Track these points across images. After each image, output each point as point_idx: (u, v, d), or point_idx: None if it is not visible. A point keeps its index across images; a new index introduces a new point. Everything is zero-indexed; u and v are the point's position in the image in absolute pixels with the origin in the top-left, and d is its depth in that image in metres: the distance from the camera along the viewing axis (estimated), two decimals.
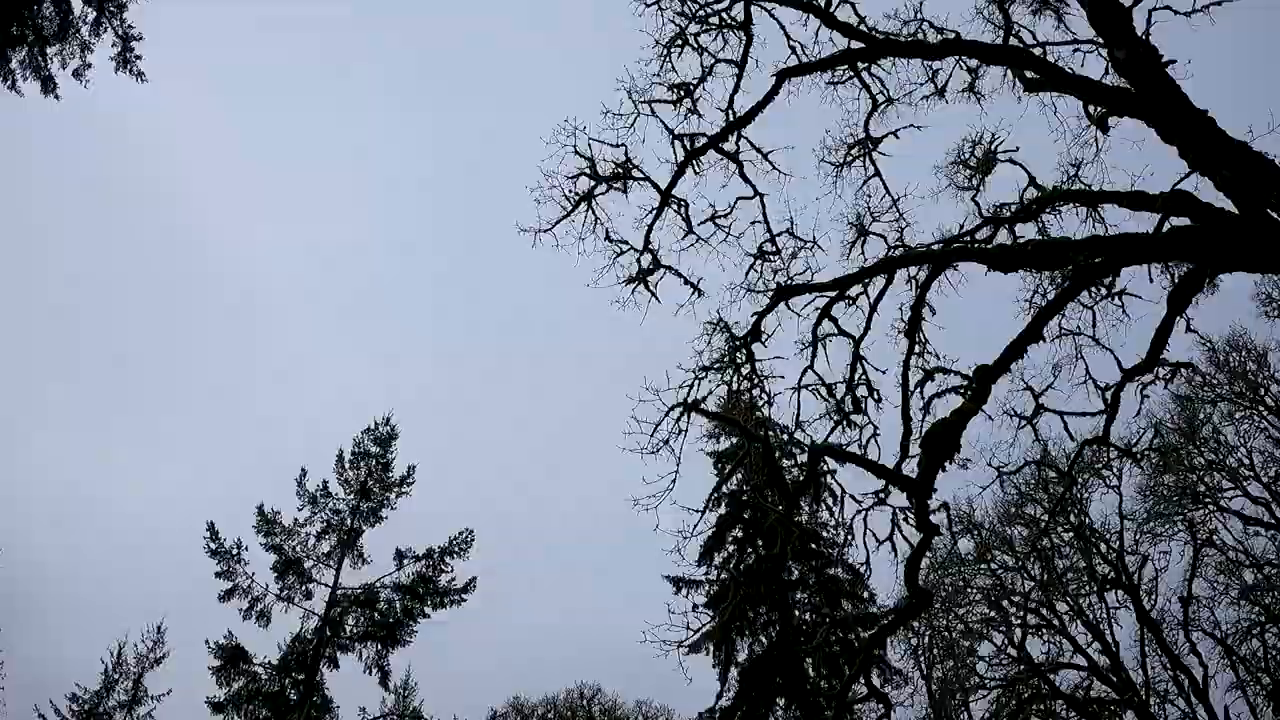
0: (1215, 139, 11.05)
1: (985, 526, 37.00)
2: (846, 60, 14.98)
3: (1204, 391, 37.36)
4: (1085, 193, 13.98)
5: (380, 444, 34.28)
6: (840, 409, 15.15)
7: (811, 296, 14.68)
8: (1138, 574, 35.59)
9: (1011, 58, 14.06)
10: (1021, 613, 35.81)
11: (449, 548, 32.38)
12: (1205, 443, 37.98)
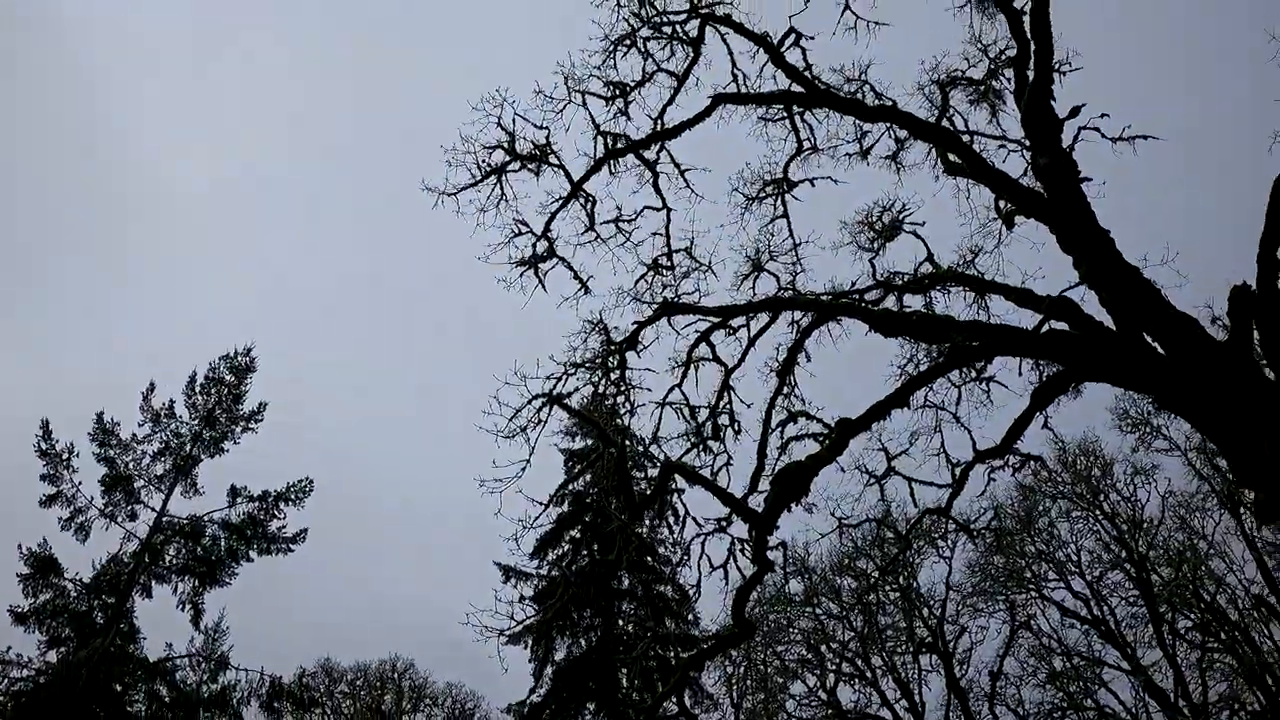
0: (1110, 258, 11.53)
1: (817, 572, 38.00)
2: (784, 101, 15.12)
3: (1047, 486, 39.41)
4: (977, 279, 14.44)
5: (236, 373, 32.64)
6: (699, 432, 15.25)
7: (695, 318, 14.71)
8: (954, 643, 37.22)
9: (940, 138, 14.41)
10: (838, 660, 36.92)
11: (285, 493, 31.06)
12: (1039, 533, 40.13)
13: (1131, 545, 38.76)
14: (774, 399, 14.48)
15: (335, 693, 48.51)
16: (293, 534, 31.17)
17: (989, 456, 14.05)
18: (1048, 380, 13.02)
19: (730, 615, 13.17)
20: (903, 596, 37.09)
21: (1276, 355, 10.70)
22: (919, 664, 37.03)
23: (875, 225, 15.89)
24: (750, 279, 16.03)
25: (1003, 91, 15.38)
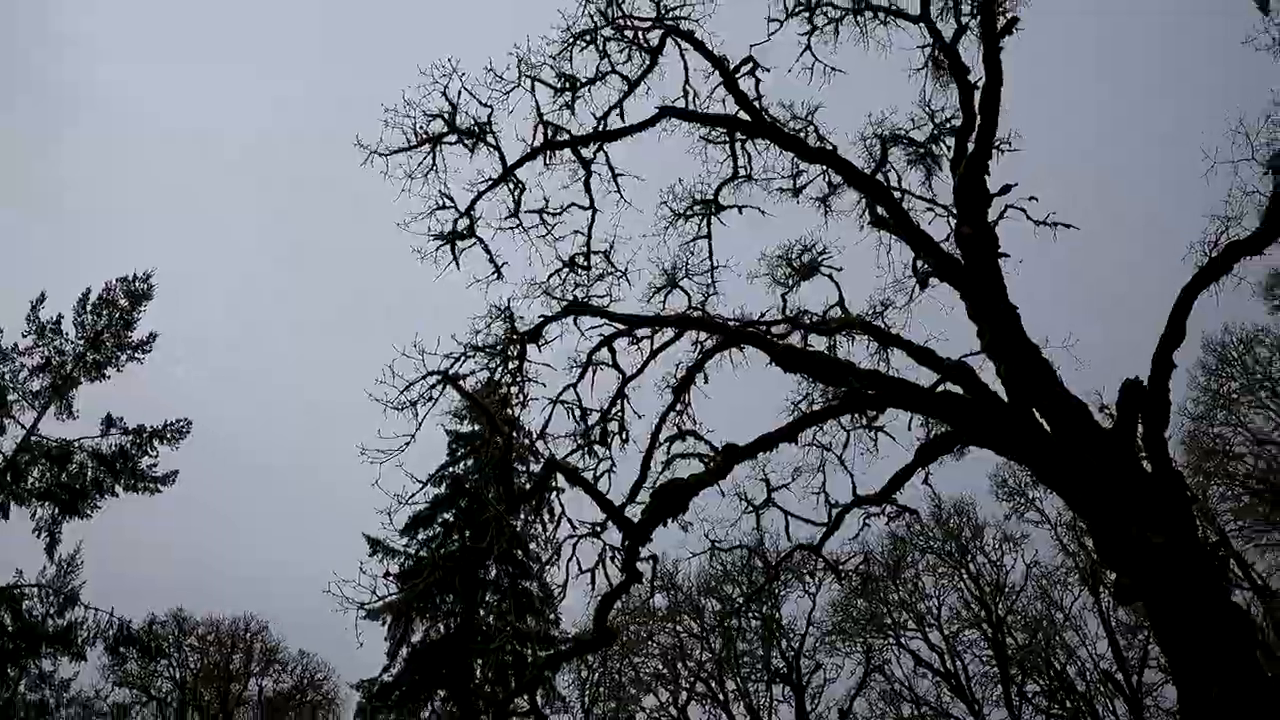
0: (1013, 333, 11.99)
1: (683, 590, 38.37)
2: (729, 125, 15.24)
3: (919, 539, 40.68)
4: (883, 331, 14.75)
5: (131, 298, 31.00)
6: (588, 435, 15.20)
7: (601, 322, 14.72)
8: (809, 677, 38.04)
9: (873, 190, 14.72)
10: (692, 679, 37.35)
11: (162, 431, 29.67)
12: (905, 583, 41.41)
13: (991, 607, 40.38)
14: (666, 414, 14.55)
15: (184, 645, 46.71)
16: (163, 474, 29.80)
17: (867, 502, 14.34)
18: (935, 438, 13.42)
19: (592, 620, 13.16)
20: (764, 625, 37.72)
21: (1156, 449, 11.27)
22: (771, 693, 37.78)
23: (794, 262, 16.13)
24: (663, 293, 16.10)
25: (941, 157, 15.82)
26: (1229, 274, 11.91)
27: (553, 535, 19.49)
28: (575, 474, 13.74)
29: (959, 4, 15.16)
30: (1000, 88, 13.42)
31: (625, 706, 37.32)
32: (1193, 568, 9.87)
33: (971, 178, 12.54)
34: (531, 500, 17.18)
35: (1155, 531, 10.06)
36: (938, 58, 15.40)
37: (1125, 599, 11.05)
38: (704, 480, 12.73)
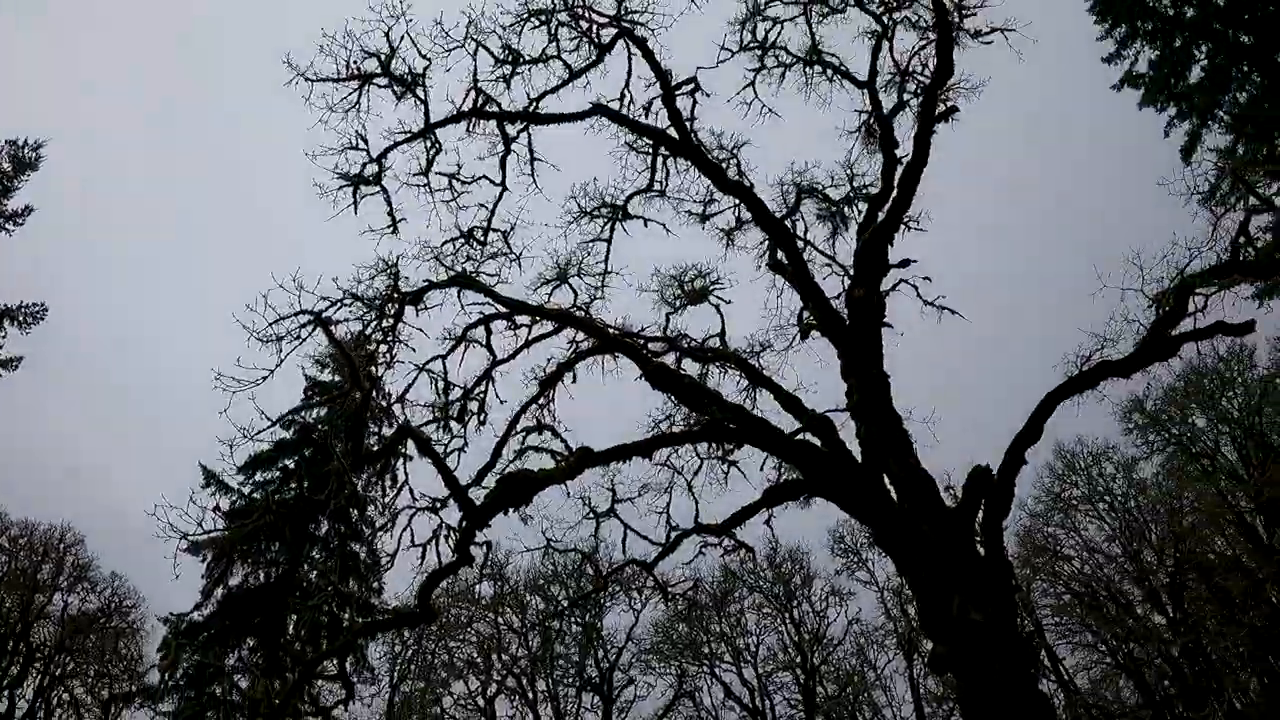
0: (880, 400, 12.40)
1: (511, 583, 38.08)
2: (656, 138, 15.35)
3: (750, 577, 41.62)
4: (756, 371, 15.07)
5: (16, 164, 29.11)
6: (446, 409, 15.00)
7: (485, 300, 14.57)
8: (620, 691, 38.23)
9: (779, 233, 14.99)
10: (505, 673, 37.03)
11: (13, 311, 28.07)
12: (729, 616, 42.27)
13: (808, 654, 41.65)
14: (529, 405, 14.51)
15: None
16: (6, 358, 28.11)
17: (707, 531, 14.51)
18: (785, 484, 13.70)
19: (416, 596, 12.93)
20: (584, 632, 37.77)
21: (992, 535, 11.81)
22: (580, 700, 37.82)
23: (685, 285, 16.30)
24: (551, 285, 16.07)
25: (850, 219, 16.27)
26: (1094, 389, 12.63)
27: (391, 502, 19.10)
28: (427, 445, 13.50)
29: (905, 81, 15.71)
30: (923, 168, 13.90)
31: (433, 689, 36.69)
32: (1006, 650, 10.36)
33: (875, 245, 12.94)
34: (378, 462, 16.89)
35: (977, 610, 10.51)
36: (872, 126, 15.88)
37: (937, 668, 11.46)
38: (553, 477, 12.65)
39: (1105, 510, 45.88)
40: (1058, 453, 47.03)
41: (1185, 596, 42.56)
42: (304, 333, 13.56)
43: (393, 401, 15.71)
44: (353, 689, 15.02)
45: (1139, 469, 47.28)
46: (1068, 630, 45.59)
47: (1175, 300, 12.23)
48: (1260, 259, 12.55)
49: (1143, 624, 42.28)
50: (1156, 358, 12.55)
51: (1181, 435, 46.68)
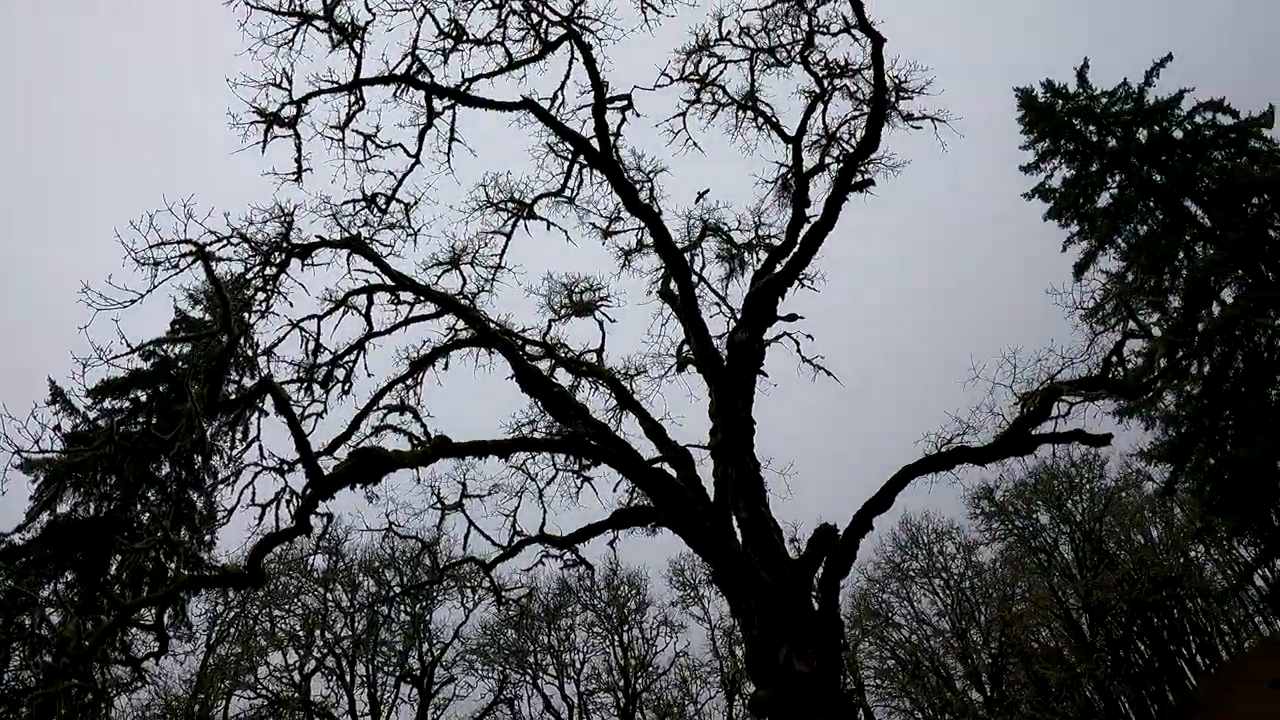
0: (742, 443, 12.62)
1: (346, 560, 36.97)
2: (578, 145, 15.30)
3: (585, 594, 42.03)
4: (627, 394, 15.31)
5: None
6: (313, 371, 14.61)
7: (373, 269, 14.24)
8: (440, 688, 37.54)
9: (677, 264, 15.00)
10: (326, 651, 35.84)
11: None
12: (559, 629, 42.33)
13: (631, 680, 41.86)
14: (395, 383, 14.23)
15: None
16: None
17: (551, 542, 14.30)
18: (635, 509, 13.74)
19: (247, 557, 12.42)
20: (412, 622, 36.95)
21: (829, 592, 12.05)
22: (398, 690, 36.97)
23: (574, 296, 16.27)
24: (442, 268, 15.84)
25: (749, 265, 16.50)
26: (949, 471, 13.02)
27: (239, 456, 18.46)
28: (286, 404, 13.01)
29: (829, 145, 16.05)
30: (829, 230, 14.16)
31: (251, 655, 35.16)
32: (827, 704, 10.57)
33: (767, 294, 13.11)
34: (232, 411, 16.29)
35: (804, 661, 10.69)
36: (789, 180, 16.19)
37: (757, 712, 11.61)
38: (407, 460, 12.33)
39: (940, 586, 47.84)
40: (904, 525, 49.05)
41: (1005, 679, 44.55)
42: (183, 263, 12.94)
43: (259, 352, 15.20)
44: (167, 642, 14.30)
45: (979, 553, 49.75)
46: (888, 694, 47.36)
47: (1041, 402, 12.69)
48: (1128, 380, 13.16)
49: (960, 698, 44.02)
50: (1014, 452, 13.02)
51: (1024, 528, 49.08)
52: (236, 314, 14.37)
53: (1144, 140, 33.10)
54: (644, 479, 12.34)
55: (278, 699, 33.17)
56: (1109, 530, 50.47)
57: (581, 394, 15.26)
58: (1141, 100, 34.06)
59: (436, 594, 35.30)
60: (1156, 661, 50.57)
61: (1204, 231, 30.92)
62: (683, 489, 12.08)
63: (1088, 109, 35.12)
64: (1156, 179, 32.06)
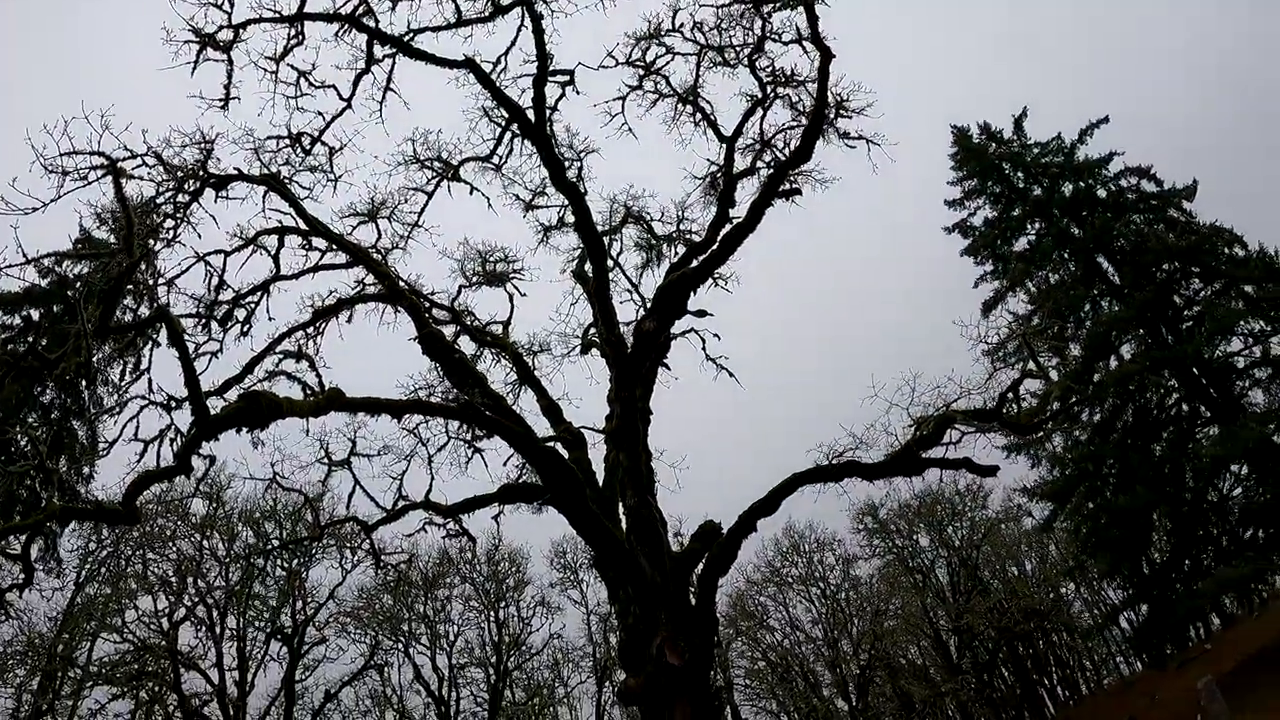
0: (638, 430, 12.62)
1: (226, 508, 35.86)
2: (514, 114, 15.04)
3: (465, 567, 42.45)
4: (528, 369, 15.30)
5: None
6: (213, 308, 14.24)
7: (288, 210, 13.90)
8: (310, 648, 36.86)
9: (594, 247, 14.82)
10: (197, 600, 34.78)
11: None
12: (435, 599, 42.46)
13: (504, 656, 41.94)
14: (296, 329, 13.92)
15: None
16: None
17: (435, 510, 14.14)
18: (523, 485, 13.69)
19: (124, 492, 11.97)
20: (288, 578, 36.09)
21: (707, 588, 12.29)
22: (268, 647, 36.13)
23: (488, 264, 16.10)
24: (359, 219, 15.50)
25: (665, 258, 16.53)
26: (838, 483, 13.27)
27: (126, 388, 17.81)
28: (179, 336, 12.55)
29: (763, 151, 16.15)
30: (749, 233, 14.21)
31: (120, 598, 33.68)
32: (694, 697, 10.68)
33: (679, 287, 13.11)
34: (124, 337, 15.72)
35: (675, 653, 10.77)
36: (717, 179, 16.22)
37: (626, 700, 11.72)
38: (298, 408, 12.02)
39: (817, 595, 49.05)
40: (788, 531, 50.10)
41: (871, 690, 45.85)
42: (93, 175, 12.41)
43: (160, 282, 14.64)
44: (33, 574, 13.72)
45: (857, 566, 51.11)
46: (756, 694, 48.39)
47: (935, 427, 13.00)
48: (1021, 418, 13.52)
49: (826, 705, 45.14)
50: (903, 472, 13.33)
51: (904, 548, 50.60)
52: (141, 237, 13.88)
53: (1068, 194, 34.31)
54: (535, 456, 12.25)
55: (144, 645, 31.96)
56: (985, 559, 52.36)
57: (483, 364, 15.12)
58: (1072, 155, 35.33)
59: (315, 551, 34.39)
60: (1018, 689, 52.57)
61: (1113, 288, 32.20)
62: (573, 470, 12.02)
63: (1019, 156, 36.24)
64: (1075, 232, 33.25)
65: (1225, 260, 30.09)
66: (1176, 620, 27.59)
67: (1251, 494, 27.95)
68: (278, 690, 35.94)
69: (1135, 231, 32.15)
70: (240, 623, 35.14)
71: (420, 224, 15.73)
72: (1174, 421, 30.29)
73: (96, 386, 27.64)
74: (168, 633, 33.07)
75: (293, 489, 15.25)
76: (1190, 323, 30.46)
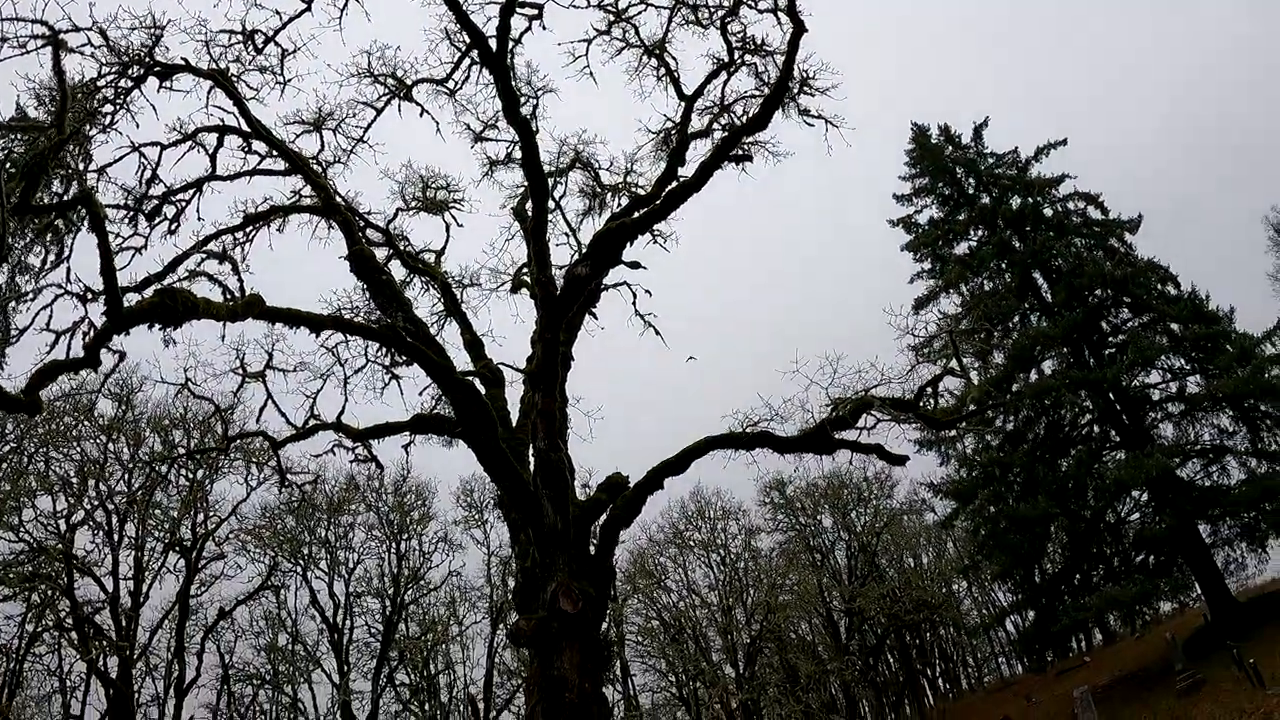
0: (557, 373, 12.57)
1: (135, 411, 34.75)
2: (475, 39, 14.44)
3: (371, 495, 42.63)
4: (455, 301, 15.17)
5: None
6: (143, 202, 13.84)
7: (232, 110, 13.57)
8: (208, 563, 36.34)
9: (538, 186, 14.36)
10: (97, 503, 33.81)
11: None
12: (338, 525, 42.47)
13: (401, 589, 42.00)
14: (224, 232, 13.57)
15: None
16: None
17: (345, 432, 13.97)
18: (435, 416, 13.59)
19: (28, 380, 11.58)
20: (191, 489, 35.31)
21: (607, 541, 12.39)
22: (166, 558, 35.41)
23: (429, 191, 15.86)
24: (303, 128, 15.10)
25: (608, 207, 16.41)
26: (749, 451, 13.37)
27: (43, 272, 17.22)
28: (100, 222, 12.12)
29: (720, 114, 16.03)
30: (694, 193, 13.99)
31: (18, 495, 32.28)
32: (584, 645, 10.78)
33: (616, 236, 12.88)
34: (44, 218, 15.14)
35: (570, 600, 10.84)
36: (671, 136, 16.07)
37: (516, 641, 11.79)
38: (215, 310, 11.69)
39: (717, 561, 49.94)
40: (694, 495, 50.74)
41: (759, 660, 46.89)
42: (32, 45, 11.94)
43: (90, 168, 14.06)
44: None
45: (759, 539, 51.99)
46: (647, 652, 49.18)
47: (852, 410, 13.06)
48: (937, 414, 13.74)
49: (715, 670, 46.09)
50: (814, 449, 13.43)
51: (806, 526, 51.71)
52: (75, 114, 13.36)
53: (1015, 207, 35.02)
54: (451, 388, 12.06)
55: (39, 546, 30.93)
56: (884, 547, 53.83)
57: (411, 291, 14.86)
58: (1026, 171, 36.06)
59: (221, 464, 33.76)
60: (902, 676, 54.39)
61: (1044, 305, 33.05)
62: (486, 406, 11.92)
63: (974, 163, 36.85)
64: (1016, 245, 33.98)
65: (1157, 296, 31.12)
66: (1061, 630, 28.68)
67: (1148, 520, 29.16)
68: (172, 604, 35.34)
69: (1075, 254, 33.01)
70: (139, 531, 34.29)
71: (365, 140, 15.30)
72: (1084, 440, 31.35)
73: (14, 272, 26.46)
74: (64, 535, 32.12)
75: (204, 397, 14.77)
76: (1113, 349, 31.48)
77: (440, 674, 44.25)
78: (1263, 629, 24.89)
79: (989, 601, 58.73)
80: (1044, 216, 34.69)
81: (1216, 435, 29.89)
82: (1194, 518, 27.33)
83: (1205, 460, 29.71)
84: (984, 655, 67.07)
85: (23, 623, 32.42)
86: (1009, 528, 29.92)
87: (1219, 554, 28.84)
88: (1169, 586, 27.64)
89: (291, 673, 40.26)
